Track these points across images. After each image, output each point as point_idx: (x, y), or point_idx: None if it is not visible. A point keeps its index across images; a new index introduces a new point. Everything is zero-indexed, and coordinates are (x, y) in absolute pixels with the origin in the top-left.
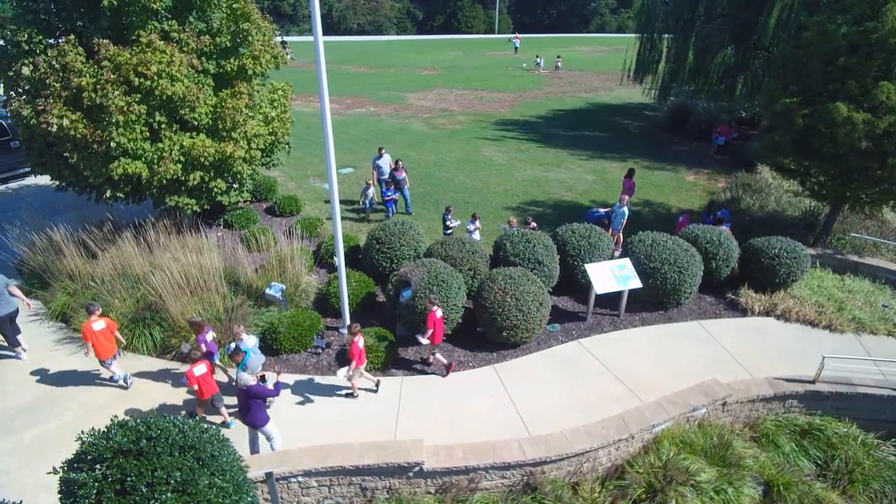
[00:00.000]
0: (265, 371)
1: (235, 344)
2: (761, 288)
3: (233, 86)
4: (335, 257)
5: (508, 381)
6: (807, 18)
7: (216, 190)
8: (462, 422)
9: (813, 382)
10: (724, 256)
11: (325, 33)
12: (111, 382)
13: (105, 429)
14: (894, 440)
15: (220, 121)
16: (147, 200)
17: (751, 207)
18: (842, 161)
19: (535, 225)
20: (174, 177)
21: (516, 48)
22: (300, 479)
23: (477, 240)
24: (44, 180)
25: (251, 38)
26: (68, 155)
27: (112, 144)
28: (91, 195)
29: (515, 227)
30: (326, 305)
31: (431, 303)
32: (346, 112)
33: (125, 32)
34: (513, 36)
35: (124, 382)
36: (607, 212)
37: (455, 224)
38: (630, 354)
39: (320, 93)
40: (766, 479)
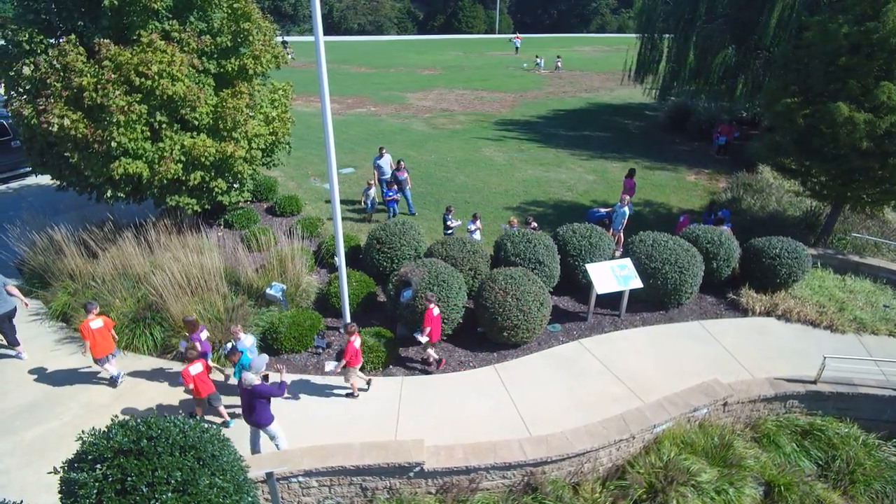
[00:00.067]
0: (267, 371)
1: (232, 343)
2: (762, 288)
3: (233, 86)
4: (336, 257)
5: (509, 381)
6: (808, 18)
7: (217, 190)
8: (463, 422)
9: (814, 383)
10: (725, 256)
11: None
12: (121, 381)
13: (105, 428)
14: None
15: (221, 120)
16: (148, 200)
17: (752, 207)
18: (843, 161)
19: (536, 225)
20: (175, 176)
21: (517, 48)
22: (301, 479)
23: (478, 240)
24: (44, 180)
25: (252, 38)
26: (69, 155)
27: (113, 144)
28: (92, 195)
29: (516, 227)
30: (327, 305)
31: (429, 301)
32: (347, 112)
33: (126, 32)
34: (513, 36)
35: (113, 382)
36: (608, 212)
37: (456, 224)
38: (631, 354)
39: (321, 93)
40: (767, 480)
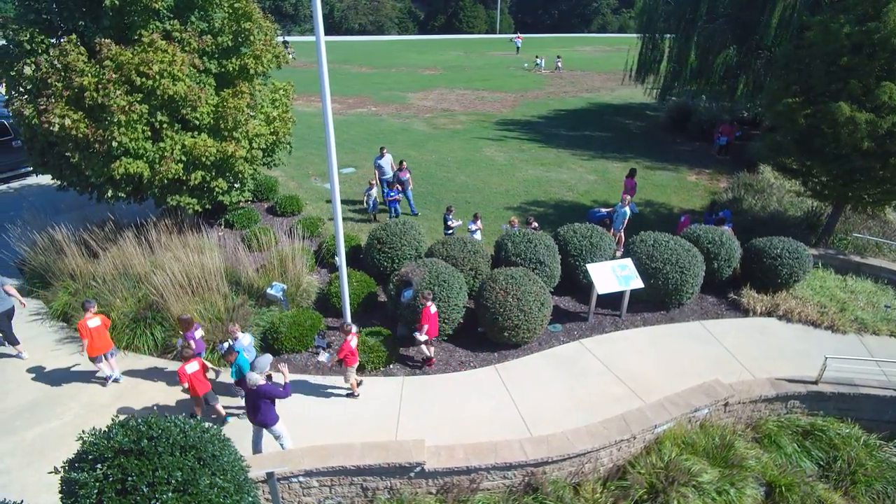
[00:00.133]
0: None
1: (229, 343)
2: (763, 288)
3: (234, 85)
4: (336, 257)
5: (510, 381)
6: (809, 18)
7: (217, 189)
8: (463, 422)
9: (815, 383)
10: (726, 256)
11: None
12: (112, 382)
13: (106, 428)
14: None
15: (222, 120)
16: (148, 200)
17: (753, 207)
18: (844, 161)
19: (537, 225)
20: (175, 176)
21: (518, 48)
22: (301, 479)
23: (478, 240)
24: (45, 180)
25: (253, 38)
26: (70, 154)
27: (114, 144)
28: (92, 195)
29: (517, 227)
30: (328, 305)
31: (425, 298)
32: (348, 112)
33: (127, 32)
34: (514, 36)
35: (105, 382)
36: (609, 212)
37: (456, 224)
38: (632, 355)
39: (322, 92)
40: (769, 480)
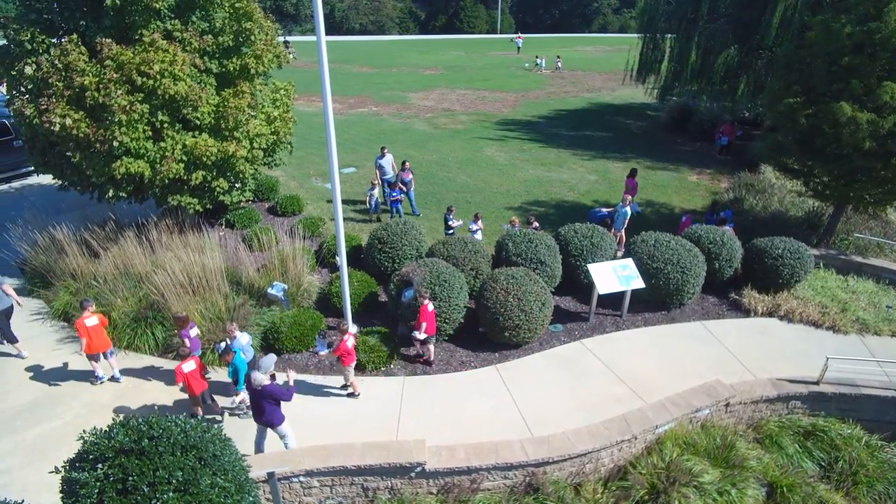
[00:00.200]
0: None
1: (226, 343)
2: (764, 288)
3: (235, 85)
4: (337, 257)
5: (511, 382)
6: (810, 18)
7: (218, 189)
8: (464, 422)
9: (816, 383)
10: (728, 257)
11: (328, 33)
12: (113, 381)
13: (107, 428)
14: None
15: (223, 120)
16: (149, 200)
17: (754, 208)
18: (845, 161)
19: (538, 225)
20: (176, 176)
21: (518, 48)
22: (302, 479)
23: (479, 240)
24: (46, 179)
25: (254, 38)
26: (71, 154)
27: (115, 144)
28: (93, 194)
29: (518, 227)
30: (328, 305)
31: (423, 297)
32: (349, 112)
33: (128, 32)
34: (515, 36)
35: (97, 380)
36: (610, 212)
37: (457, 224)
38: (633, 355)
39: (323, 92)
40: (770, 481)
